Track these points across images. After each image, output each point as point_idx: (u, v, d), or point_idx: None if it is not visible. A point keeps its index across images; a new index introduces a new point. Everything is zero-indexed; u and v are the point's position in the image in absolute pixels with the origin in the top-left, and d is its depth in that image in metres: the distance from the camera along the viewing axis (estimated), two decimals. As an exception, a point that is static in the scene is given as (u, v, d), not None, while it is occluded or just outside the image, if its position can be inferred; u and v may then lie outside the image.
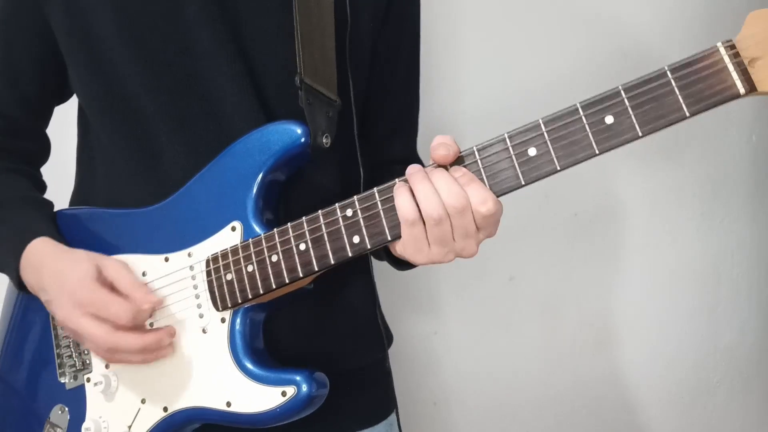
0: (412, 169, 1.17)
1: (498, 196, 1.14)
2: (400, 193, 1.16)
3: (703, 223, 2.52)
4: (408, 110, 1.66)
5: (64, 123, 1.59)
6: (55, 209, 1.52)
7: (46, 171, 1.62)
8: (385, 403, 1.58)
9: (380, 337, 1.55)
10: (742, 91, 1.00)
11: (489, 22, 2.32)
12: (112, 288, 1.29)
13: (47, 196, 1.56)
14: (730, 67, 1.01)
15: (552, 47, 2.33)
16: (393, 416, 1.58)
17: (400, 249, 1.22)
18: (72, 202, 1.56)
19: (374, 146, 1.58)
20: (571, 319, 2.46)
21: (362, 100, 1.52)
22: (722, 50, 1.01)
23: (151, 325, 1.34)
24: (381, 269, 1.51)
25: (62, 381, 1.42)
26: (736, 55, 1.01)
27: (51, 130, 1.61)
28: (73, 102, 1.53)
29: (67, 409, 1.40)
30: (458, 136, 2.20)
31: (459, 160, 1.16)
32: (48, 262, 1.34)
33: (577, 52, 2.34)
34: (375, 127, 1.58)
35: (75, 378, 1.41)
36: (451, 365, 2.44)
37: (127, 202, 1.42)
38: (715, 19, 2.37)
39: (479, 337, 2.43)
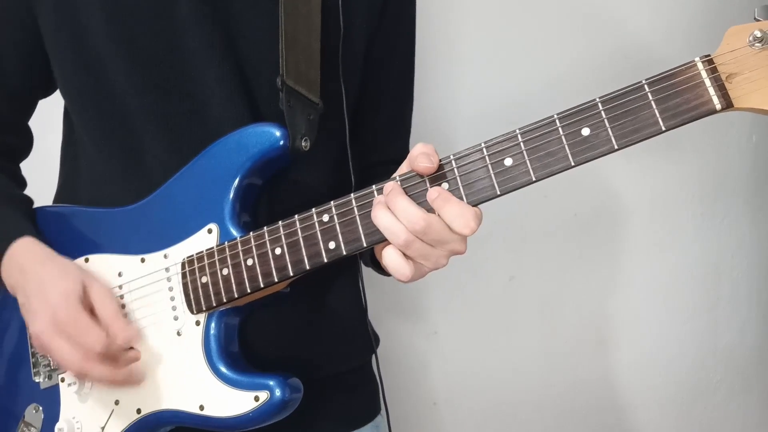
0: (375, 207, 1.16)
1: (474, 206, 1.12)
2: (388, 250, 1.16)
3: (703, 223, 2.49)
4: (402, 111, 1.64)
5: (48, 120, 1.59)
6: (41, 206, 1.51)
7: (31, 169, 1.62)
8: (371, 404, 1.57)
9: (367, 340, 1.54)
10: (718, 107, 0.98)
11: (487, 21, 2.30)
12: (92, 311, 1.28)
13: (31, 194, 1.54)
14: (707, 83, 0.99)
15: (551, 47, 2.31)
16: (380, 418, 1.57)
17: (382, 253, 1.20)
18: (56, 200, 1.55)
19: (367, 146, 1.56)
20: (570, 318, 2.44)
21: (355, 101, 1.51)
22: (700, 65, 1.00)
23: None
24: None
25: (37, 380, 1.41)
26: (713, 71, 0.99)
27: (36, 128, 1.60)
28: (58, 99, 1.52)
29: (41, 408, 1.40)
30: (454, 137, 2.23)
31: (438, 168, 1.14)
32: (33, 267, 1.32)
33: (576, 52, 2.31)
34: (368, 127, 1.57)
35: (49, 377, 1.40)
36: (451, 365, 2.44)
37: (109, 200, 1.40)
38: (715, 19, 2.34)
39: (479, 337, 2.42)
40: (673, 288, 2.51)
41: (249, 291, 1.24)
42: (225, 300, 1.26)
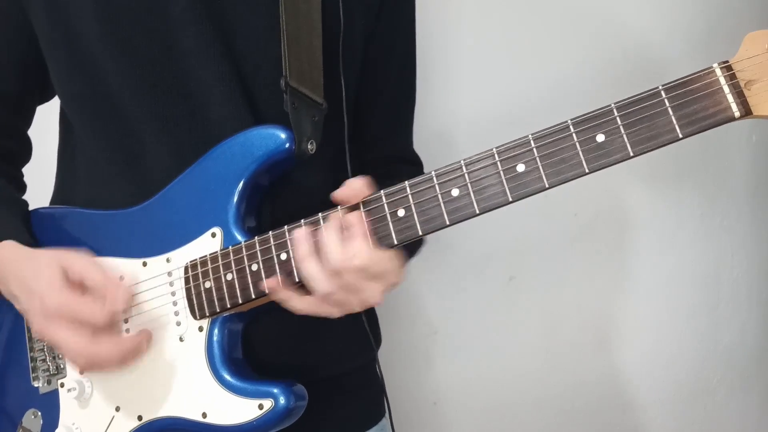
0: (297, 239, 1.19)
1: (485, 212, 1.10)
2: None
3: (703, 223, 2.49)
4: (403, 108, 1.62)
5: (46, 123, 1.57)
6: (39, 207, 1.49)
7: (28, 171, 1.60)
8: (375, 407, 1.56)
9: (367, 341, 1.52)
10: (737, 114, 0.96)
11: (487, 22, 2.30)
12: (82, 286, 1.25)
13: (28, 196, 1.53)
14: (726, 89, 0.97)
15: (551, 50, 2.30)
16: (385, 420, 1.56)
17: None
18: (53, 203, 1.54)
19: (369, 145, 1.55)
20: (571, 319, 2.44)
21: (354, 100, 1.49)
22: (718, 71, 0.98)
23: (127, 331, 1.31)
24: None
25: (36, 385, 1.40)
26: (732, 77, 0.97)
27: (32, 130, 1.58)
28: (55, 102, 1.51)
29: (40, 413, 1.38)
30: (455, 138, 2.21)
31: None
32: (13, 269, 1.30)
33: (576, 54, 2.30)
34: (369, 126, 1.55)
35: (48, 382, 1.38)
36: (451, 365, 2.43)
37: (108, 203, 1.39)
38: (716, 22, 2.33)
39: (479, 337, 2.42)
40: (673, 288, 2.50)
41: (253, 297, 1.23)
42: (228, 305, 1.24)
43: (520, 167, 1.07)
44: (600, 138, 1.03)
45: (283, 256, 1.20)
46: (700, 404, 2.56)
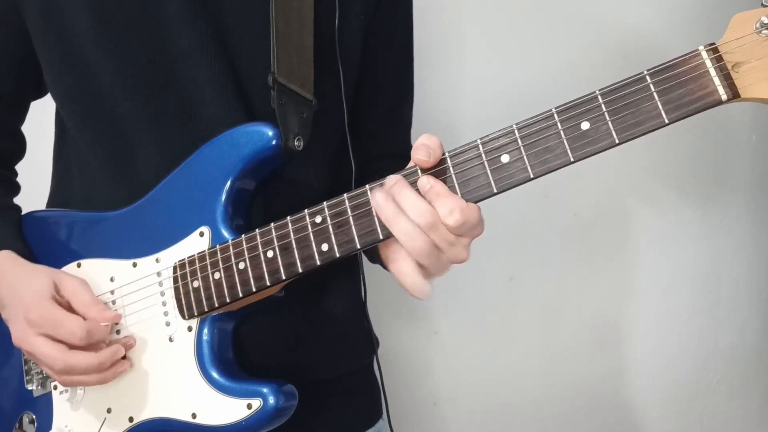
0: (376, 193, 1.12)
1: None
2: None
3: (703, 223, 2.49)
4: (400, 104, 1.61)
5: (42, 123, 1.56)
6: (32, 211, 1.49)
7: (24, 171, 1.60)
8: (372, 409, 1.55)
9: (366, 342, 1.52)
10: (724, 97, 0.94)
11: (487, 19, 2.30)
12: (69, 306, 1.27)
13: (24, 197, 1.54)
14: (712, 72, 0.95)
15: (551, 46, 2.31)
16: (381, 422, 1.55)
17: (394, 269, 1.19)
18: (49, 204, 1.54)
19: (367, 141, 1.53)
20: (571, 319, 2.44)
21: (354, 94, 1.48)
22: (704, 54, 0.96)
23: (118, 332, 1.31)
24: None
25: (30, 388, 1.40)
26: (719, 59, 0.95)
27: (29, 130, 1.58)
28: (51, 101, 1.49)
29: (34, 416, 1.38)
30: (454, 133, 2.20)
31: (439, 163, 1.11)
32: (5, 278, 1.31)
33: (576, 51, 2.31)
34: (367, 121, 1.54)
35: (42, 385, 1.38)
36: (451, 365, 2.44)
37: (100, 203, 1.38)
38: (716, 18, 2.32)
39: (479, 337, 2.42)
40: (673, 288, 2.50)
41: (241, 295, 1.21)
42: (217, 305, 1.23)
43: (505, 158, 1.05)
44: (585, 126, 1.01)
45: (270, 254, 1.19)
46: (700, 404, 2.56)
